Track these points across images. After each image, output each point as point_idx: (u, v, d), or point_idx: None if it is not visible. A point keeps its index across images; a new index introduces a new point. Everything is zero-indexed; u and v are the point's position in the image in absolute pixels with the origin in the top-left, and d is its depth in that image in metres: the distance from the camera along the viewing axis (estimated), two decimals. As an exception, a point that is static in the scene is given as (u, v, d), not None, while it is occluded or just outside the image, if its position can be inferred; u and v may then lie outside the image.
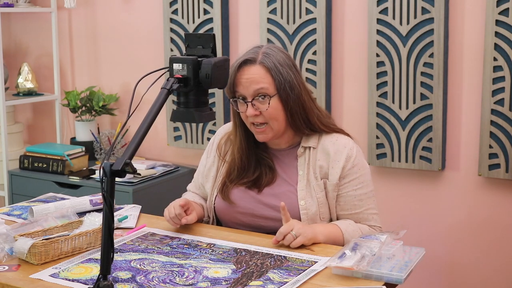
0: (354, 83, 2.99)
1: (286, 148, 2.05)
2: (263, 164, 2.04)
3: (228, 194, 2.04)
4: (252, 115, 1.93)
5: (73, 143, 3.59)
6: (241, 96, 1.95)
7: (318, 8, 2.94)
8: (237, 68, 1.94)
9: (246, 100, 1.94)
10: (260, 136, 1.98)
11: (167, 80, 1.62)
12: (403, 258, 1.71)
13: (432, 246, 2.88)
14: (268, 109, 1.93)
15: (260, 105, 1.93)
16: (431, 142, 2.80)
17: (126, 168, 1.41)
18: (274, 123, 1.95)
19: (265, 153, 2.06)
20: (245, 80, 1.93)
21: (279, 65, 1.94)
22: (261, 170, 2.03)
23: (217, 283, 1.60)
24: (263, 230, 2.01)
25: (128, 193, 3.06)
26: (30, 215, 2.10)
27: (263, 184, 2.02)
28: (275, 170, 2.04)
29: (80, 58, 3.77)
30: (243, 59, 1.95)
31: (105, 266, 1.41)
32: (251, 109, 1.93)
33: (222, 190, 2.06)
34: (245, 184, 2.04)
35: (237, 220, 2.05)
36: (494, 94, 2.66)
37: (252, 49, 1.99)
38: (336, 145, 1.99)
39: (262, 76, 1.93)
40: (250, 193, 2.03)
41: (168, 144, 3.46)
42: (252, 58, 1.94)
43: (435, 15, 2.72)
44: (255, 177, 2.03)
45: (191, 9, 3.27)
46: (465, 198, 2.83)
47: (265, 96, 1.92)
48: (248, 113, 1.94)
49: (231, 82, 1.94)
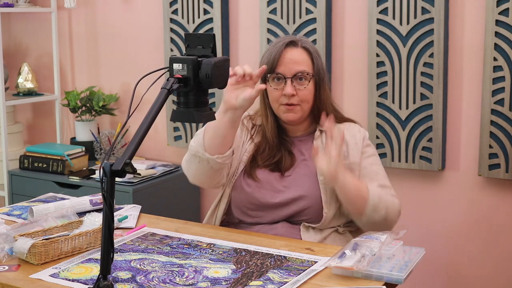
0: (354, 83, 2.99)
1: (302, 135, 2.14)
2: (284, 147, 2.12)
3: (254, 172, 2.09)
4: (290, 93, 2.02)
5: (73, 143, 3.60)
6: (280, 74, 2.03)
7: (318, 8, 2.94)
8: (283, 47, 2.04)
9: (286, 77, 2.02)
10: (289, 115, 2.06)
11: (167, 80, 1.62)
12: (403, 258, 1.71)
13: (432, 246, 2.88)
14: (305, 89, 2.03)
15: (298, 85, 2.03)
16: (431, 142, 2.80)
17: (126, 168, 1.41)
18: (306, 105, 2.06)
19: (287, 137, 2.14)
20: (288, 60, 2.03)
21: (316, 52, 2.09)
22: (282, 153, 2.11)
23: (217, 283, 1.60)
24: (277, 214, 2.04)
25: (128, 193, 3.06)
26: (30, 215, 2.09)
27: (283, 168, 2.09)
28: (294, 154, 2.11)
29: (80, 58, 3.77)
30: (288, 40, 2.06)
31: (105, 266, 1.41)
32: (289, 87, 2.02)
33: (250, 166, 2.10)
34: (269, 167, 2.10)
35: (254, 200, 2.06)
36: (494, 94, 2.66)
37: (286, 36, 2.12)
38: (350, 129, 2.12)
39: (304, 58, 2.06)
40: (273, 174, 2.09)
41: (168, 144, 3.46)
42: (295, 40, 2.07)
43: (435, 15, 2.72)
44: (277, 160, 2.10)
45: (191, 9, 3.27)
46: (465, 198, 2.83)
47: (305, 77, 2.03)
48: (286, 91, 2.02)
49: (274, 59, 2.03)
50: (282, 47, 2.04)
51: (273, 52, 2.04)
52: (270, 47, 2.08)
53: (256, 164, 2.10)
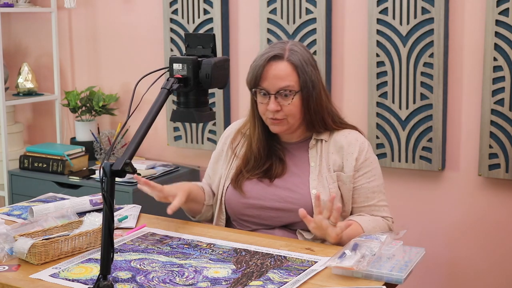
0: (354, 83, 2.99)
1: (297, 141, 2.09)
2: (275, 155, 2.07)
3: (241, 184, 2.06)
4: (274, 110, 1.96)
5: (73, 143, 3.59)
6: (264, 90, 1.97)
7: (318, 8, 2.94)
8: (266, 62, 1.96)
9: (270, 93, 1.96)
10: (275, 128, 2.02)
11: (167, 80, 1.62)
12: (403, 258, 1.71)
13: (432, 246, 2.88)
14: (289, 105, 1.96)
15: (282, 101, 1.96)
16: (431, 142, 2.80)
17: (126, 168, 1.41)
18: (292, 119, 1.99)
19: (278, 145, 2.09)
20: (272, 75, 1.95)
21: (305, 63, 1.97)
22: (272, 161, 2.07)
23: (217, 283, 1.60)
24: (272, 221, 2.02)
25: (128, 193, 3.06)
26: (30, 215, 2.09)
27: (273, 175, 2.05)
28: (285, 162, 2.07)
29: (80, 58, 3.77)
30: (272, 54, 1.96)
31: (105, 266, 1.41)
32: (273, 103, 1.96)
33: (236, 180, 2.07)
34: (257, 176, 2.06)
35: (247, 211, 2.05)
36: (494, 94, 2.66)
37: (277, 44, 2.02)
38: (348, 138, 2.04)
39: (288, 73, 1.96)
40: (261, 184, 2.05)
41: (168, 144, 3.46)
42: (280, 54, 1.97)
43: (435, 15, 2.72)
44: (266, 168, 2.06)
45: (191, 9, 3.27)
46: (465, 198, 2.82)
47: (289, 93, 1.95)
48: (270, 108, 1.96)
49: (257, 75, 1.96)
50: (265, 62, 1.95)
51: (257, 66, 1.96)
52: (257, 58, 1.99)
53: (242, 177, 2.07)
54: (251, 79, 1.98)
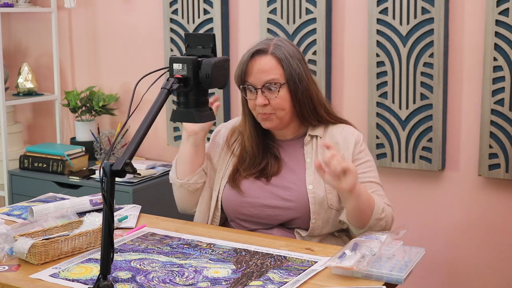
0: (354, 83, 2.99)
1: (292, 138, 2.09)
2: (270, 153, 2.08)
3: (239, 183, 2.06)
4: (261, 104, 1.97)
5: (73, 143, 3.60)
6: (250, 85, 1.99)
7: (318, 8, 2.94)
8: (249, 57, 1.98)
9: (256, 87, 1.97)
10: (266, 123, 2.02)
11: (167, 80, 1.62)
12: (403, 258, 1.71)
13: (432, 246, 2.88)
14: (276, 98, 1.97)
15: (269, 94, 1.97)
16: (431, 142, 2.80)
17: (126, 168, 1.41)
18: (281, 113, 1.99)
19: (272, 143, 2.10)
20: (256, 70, 1.97)
21: (290, 56, 1.98)
22: (268, 159, 2.07)
23: (217, 283, 1.60)
24: (271, 220, 2.03)
25: (128, 193, 3.06)
26: (30, 215, 2.09)
27: (270, 173, 2.05)
28: (281, 160, 2.07)
29: (80, 58, 3.77)
30: (255, 49, 1.99)
31: (105, 266, 1.41)
32: (260, 97, 1.97)
33: (233, 179, 2.08)
34: (253, 175, 2.06)
35: (245, 210, 2.05)
36: (494, 94, 2.66)
37: (263, 41, 2.04)
38: (343, 133, 2.05)
39: (273, 67, 1.97)
40: (258, 183, 2.06)
41: (168, 144, 3.46)
42: (264, 48, 1.99)
43: (435, 15, 2.72)
44: (262, 167, 2.06)
45: (191, 9, 3.27)
46: (465, 198, 2.82)
47: (274, 86, 1.96)
48: (257, 102, 1.97)
49: (242, 71, 1.99)
50: (248, 57, 1.98)
51: (242, 63, 1.99)
52: (242, 55, 2.01)
53: (239, 176, 2.07)
54: (238, 75, 2.01)
